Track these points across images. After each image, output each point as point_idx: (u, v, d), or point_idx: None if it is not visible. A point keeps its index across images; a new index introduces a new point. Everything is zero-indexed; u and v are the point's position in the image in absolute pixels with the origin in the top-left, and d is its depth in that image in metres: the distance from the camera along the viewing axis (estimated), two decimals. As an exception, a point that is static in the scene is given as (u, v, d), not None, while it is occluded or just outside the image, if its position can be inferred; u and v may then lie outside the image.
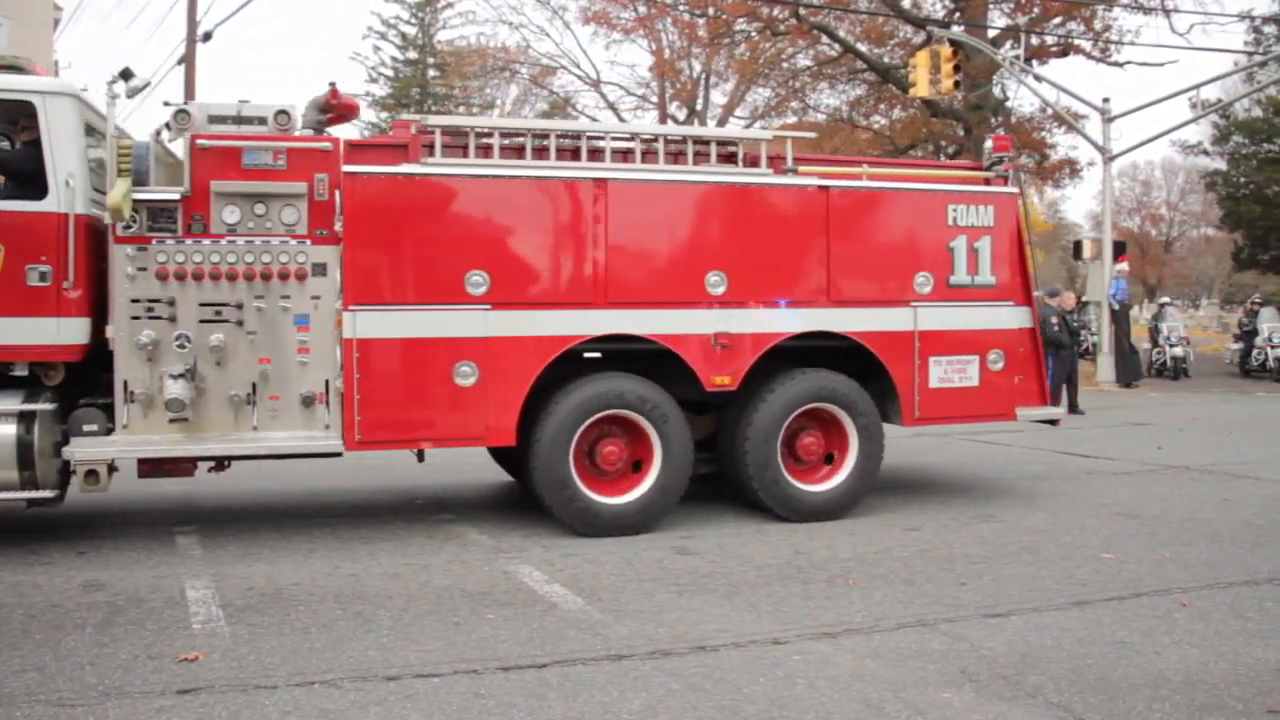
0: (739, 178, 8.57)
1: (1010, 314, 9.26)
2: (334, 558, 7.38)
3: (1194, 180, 63.78)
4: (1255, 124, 32.25)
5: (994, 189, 9.43)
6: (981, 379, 9.05)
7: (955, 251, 8.97)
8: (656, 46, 42.16)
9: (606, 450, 8.16)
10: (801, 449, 8.75)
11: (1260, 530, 8.41)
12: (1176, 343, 26.29)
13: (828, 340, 8.69)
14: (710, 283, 8.24)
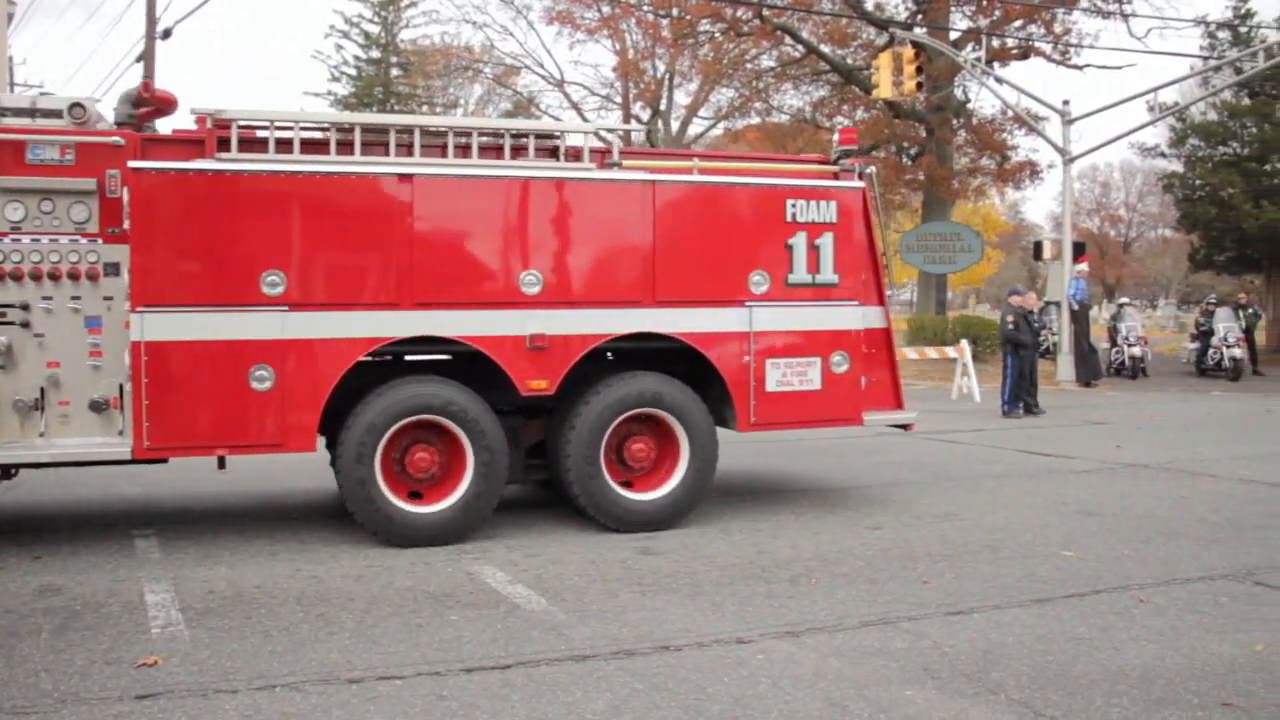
0: (557, 172, 8.26)
1: (855, 314, 8.89)
2: (296, 560, 7.33)
3: (1152, 182, 64.53)
4: (1211, 127, 32.67)
5: (837, 183, 9.07)
6: (824, 382, 8.72)
7: (794, 249, 8.61)
8: (620, 47, 42.22)
9: (417, 457, 7.81)
10: (631, 456, 8.38)
11: (1215, 527, 8.52)
12: (1135, 342, 26.56)
13: (658, 342, 8.39)
14: (525, 282, 7.89)
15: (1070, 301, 24.15)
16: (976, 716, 4.59)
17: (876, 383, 9.32)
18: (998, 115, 32.55)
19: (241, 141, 7.75)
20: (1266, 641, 5.59)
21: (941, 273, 30.35)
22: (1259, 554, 7.58)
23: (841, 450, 13.25)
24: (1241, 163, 31.51)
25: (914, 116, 30.71)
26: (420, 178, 7.73)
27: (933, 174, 30.57)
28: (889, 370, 9.41)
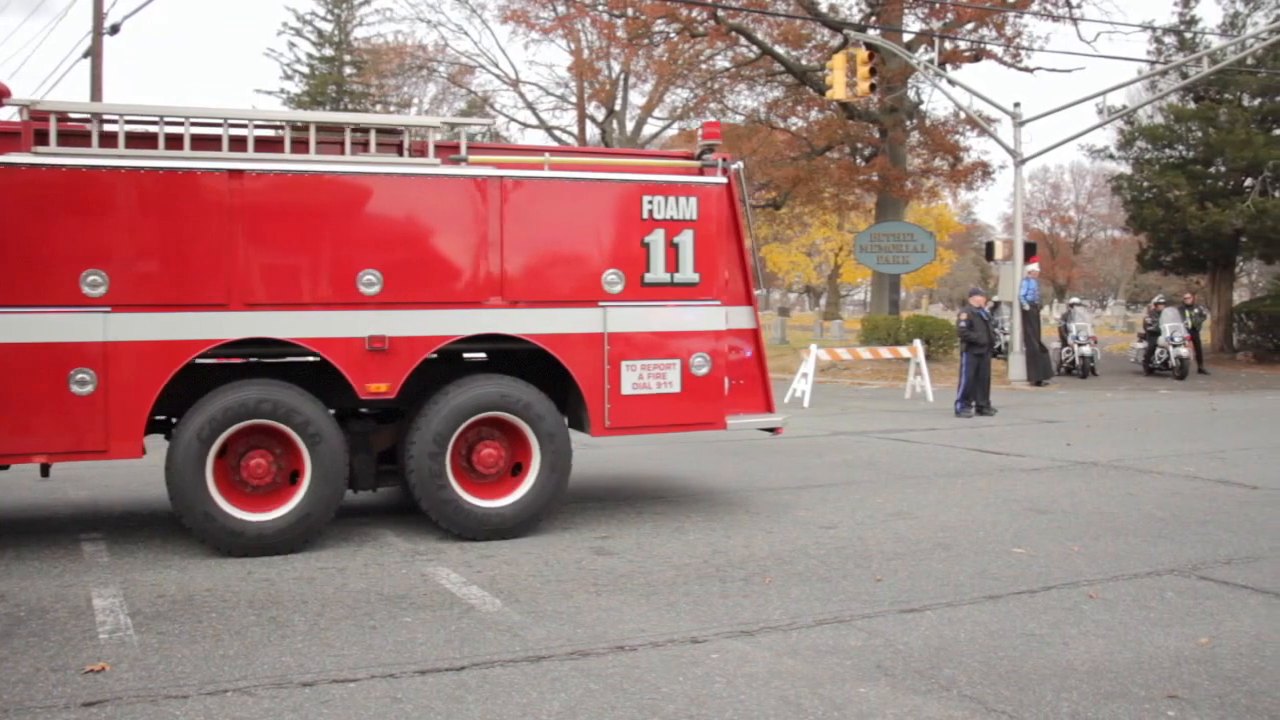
0: (397, 168, 7.95)
1: (718, 314, 8.62)
2: (248, 562, 7.25)
3: (1101, 184, 65.50)
4: (1158, 130, 33.12)
5: (697, 179, 8.73)
6: (684, 384, 8.48)
7: (651, 247, 8.38)
8: (575, 46, 42.14)
9: (252, 464, 7.51)
10: (481, 461, 8.11)
11: (1162, 523, 8.64)
12: (1085, 342, 26.89)
13: (507, 344, 8.22)
14: (364, 281, 7.60)
15: (1022, 302, 24.41)
16: (929, 713, 4.62)
17: (746, 385, 9.11)
18: (950, 117, 32.86)
19: (63, 135, 7.46)
20: (1211, 634, 5.68)
21: (895, 273, 30.55)
22: (1203, 549, 7.71)
23: (795, 450, 13.31)
24: (1187, 165, 31.98)
25: (867, 118, 30.90)
26: (251, 174, 7.43)
27: (886, 175, 30.78)
28: (759, 372, 9.19)
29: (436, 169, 8.09)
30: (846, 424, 16.50)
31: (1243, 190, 30.99)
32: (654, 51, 33.70)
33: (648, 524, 8.61)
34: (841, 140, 32.16)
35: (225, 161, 7.51)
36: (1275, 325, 30.90)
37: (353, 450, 7.97)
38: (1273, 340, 31.14)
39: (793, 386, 20.41)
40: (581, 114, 37.44)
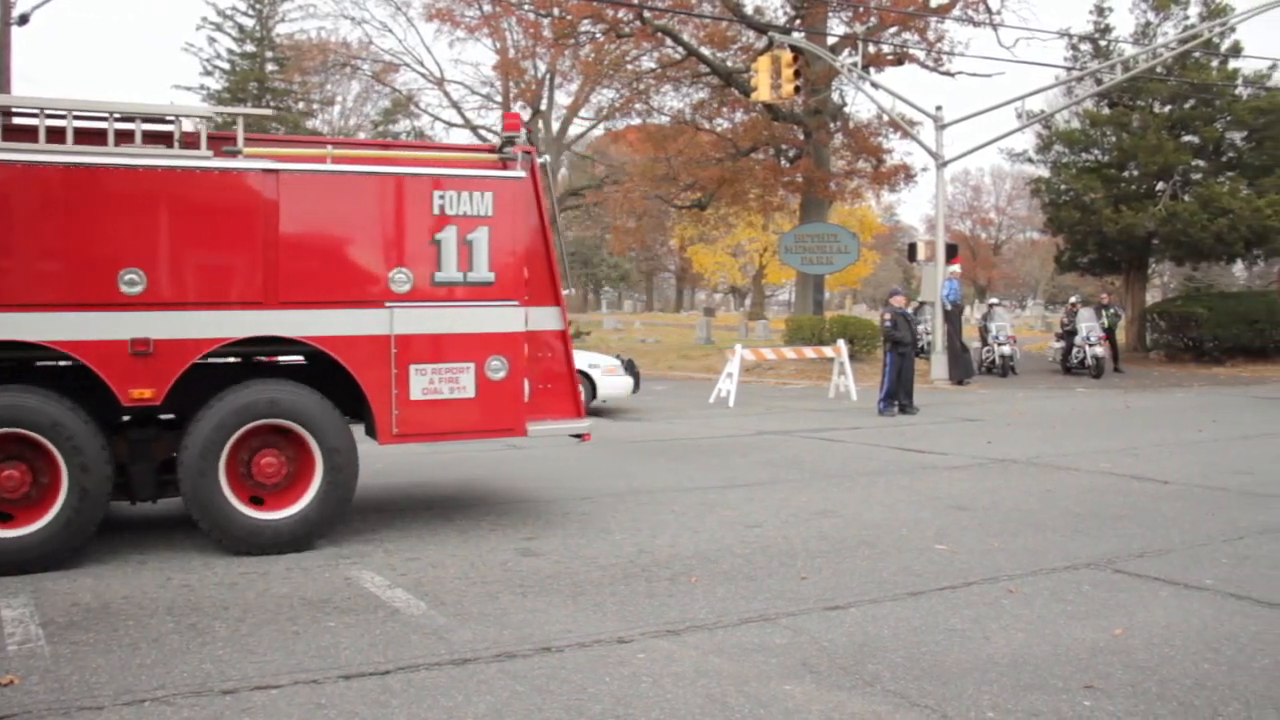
0: (162, 160, 7.38)
1: (517, 315, 8.23)
2: (166, 569, 7.10)
3: (1020, 186, 66.69)
4: (1074, 135, 33.82)
5: (494, 174, 8.31)
6: (479, 389, 8.07)
7: (443, 244, 7.95)
8: (501, 45, 41.99)
9: (3, 476, 7.02)
10: (261, 471, 7.65)
11: (1079, 518, 8.82)
12: (1005, 341, 27.38)
13: (285, 347, 7.88)
14: (125, 281, 7.11)
15: (944, 302, 24.78)
16: (854, 708, 4.67)
17: (553, 389, 8.81)
18: (874, 119, 33.23)
19: None
20: (1125, 625, 5.82)
21: (819, 273, 30.84)
22: (1118, 543, 7.88)
23: (720, 449, 13.37)
24: (1102, 169, 32.70)
25: (792, 119, 31.15)
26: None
27: (810, 176, 31.05)
28: (566, 376, 8.86)
29: (206, 161, 7.50)
30: (771, 423, 16.61)
31: (1155, 194, 31.77)
32: (580, 51, 33.68)
33: (574, 525, 8.60)
34: (766, 141, 32.40)
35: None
36: (1185, 325, 31.70)
37: (132, 459, 7.61)
38: (1183, 339, 31.96)
39: (718, 386, 20.51)
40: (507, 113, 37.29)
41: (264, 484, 7.68)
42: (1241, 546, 7.80)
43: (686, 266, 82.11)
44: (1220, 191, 30.42)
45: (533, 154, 8.84)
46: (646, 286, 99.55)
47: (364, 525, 8.51)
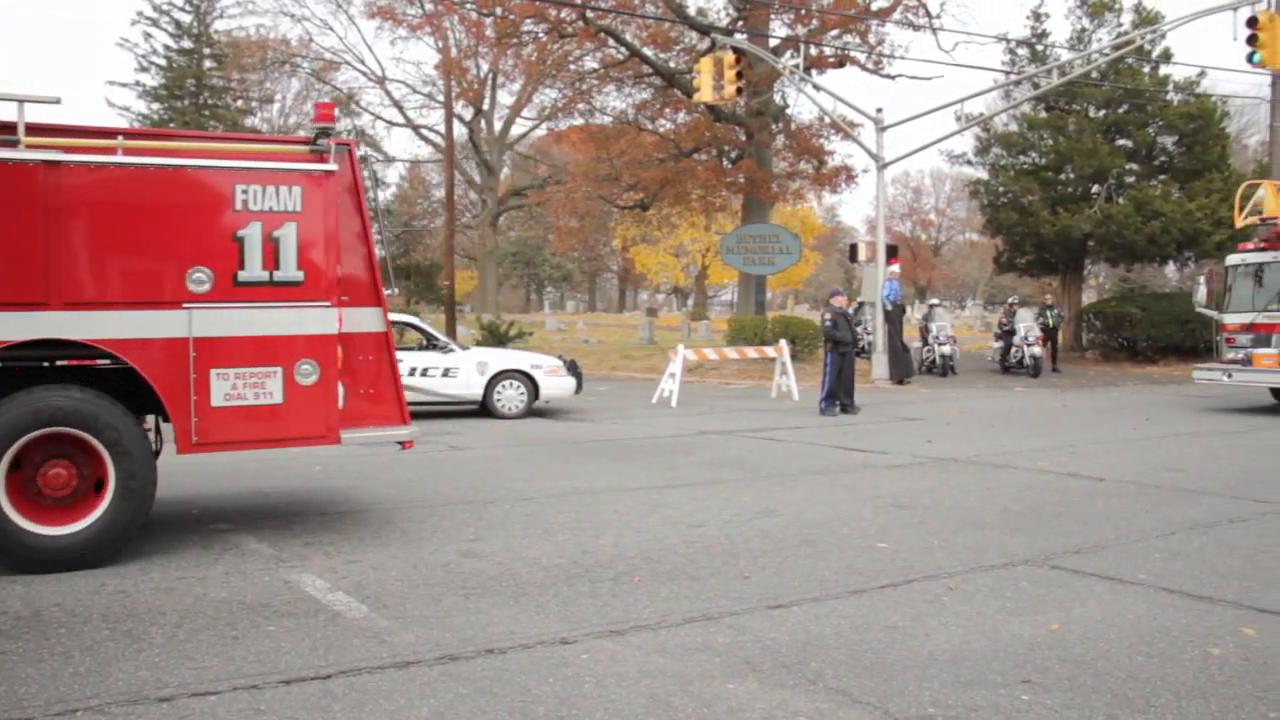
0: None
1: (329, 316, 7.82)
2: (100, 574, 6.96)
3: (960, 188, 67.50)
4: (1012, 137, 34.33)
5: (303, 166, 7.85)
6: (288, 395, 7.64)
7: (246, 242, 7.49)
8: (443, 44, 41.82)
9: None
10: (48, 484, 7.09)
11: (1017, 516, 8.94)
12: (945, 341, 27.71)
13: (74, 351, 7.30)
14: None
15: (885, 302, 25.01)
16: (797, 706, 4.69)
17: (374, 395, 8.39)
18: (815, 121, 33.51)
19: None
20: (1061, 621, 5.90)
21: (761, 274, 31.03)
22: (1055, 540, 8.00)
23: (663, 449, 13.39)
24: (1039, 172, 33.21)
25: (734, 120, 31.29)
26: None
27: (752, 177, 31.21)
28: (389, 380, 8.42)
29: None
30: (713, 423, 16.67)
31: (1090, 197, 32.34)
32: (523, 51, 33.58)
33: (516, 526, 8.56)
34: (709, 142, 32.52)
35: None
36: (1120, 325, 32.31)
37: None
38: (1118, 339, 32.56)
39: (661, 387, 20.54)
40: (449, 113, 37.05)
41: (52, 497, 7.13)
42: (1173, 542, 7.95)
43: (629, 267, 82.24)
44: (1153, 194, 31.03)
45: (351, 146, 8.43)
46: (589, 287, 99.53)
47: (304, 528, 8.41)
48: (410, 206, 72.07)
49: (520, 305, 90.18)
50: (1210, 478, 10.95)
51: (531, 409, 17.54)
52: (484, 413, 17.29)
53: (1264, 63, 19.95)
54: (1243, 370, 18.13)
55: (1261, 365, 17.89)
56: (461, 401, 17.32)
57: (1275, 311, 18.00)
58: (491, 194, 55.61)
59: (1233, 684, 4.94)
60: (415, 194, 73.98)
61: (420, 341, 18.02)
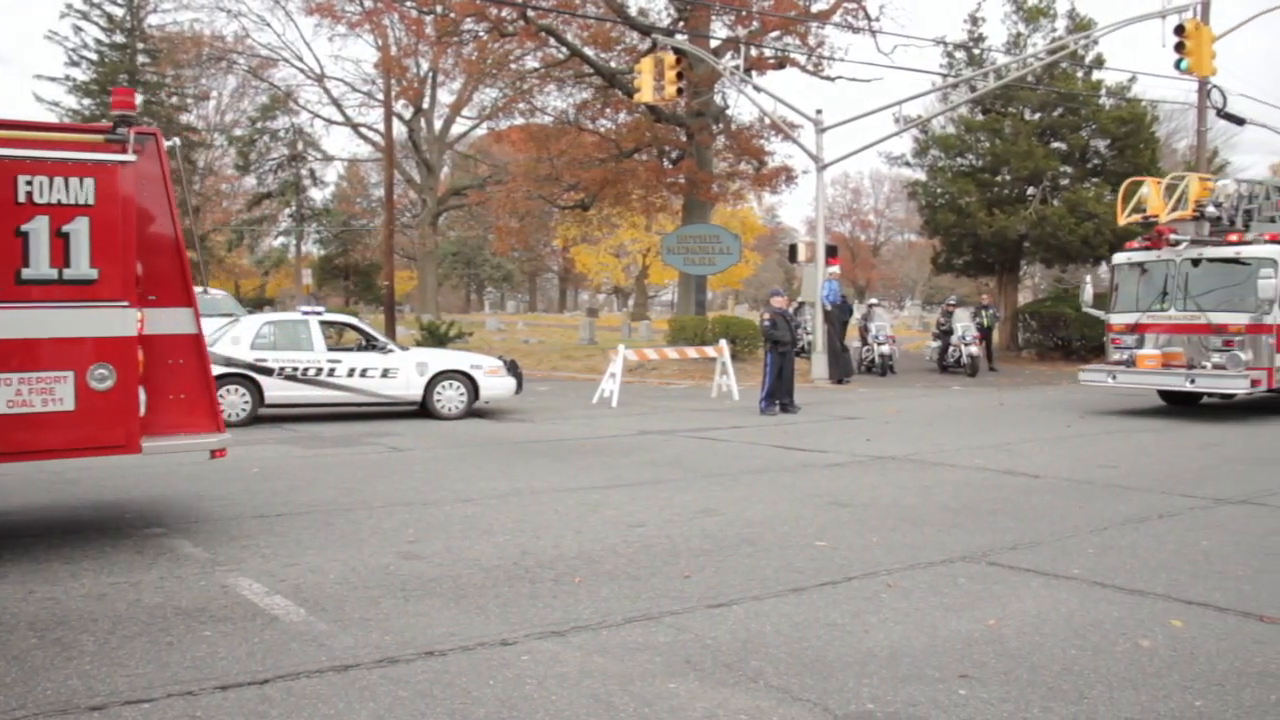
0: None
1: (126, 317, 7.36)
2: (29, 581, 6.80)
3: (898, 189, 68.30)
4: (949, 140, 34.75)
5: (96, 156, 7.35)
6: (80, 401, 7.18)
7: (31, 237, 7.02)
8: (383, 42, 41.43)
9: None
10: None
11: (955, 513, 9.05)
12: (884, 341, 27.97)
13: None
14: None
15: (824, 302, 25.19)
16: (737, 704, 4.70)
17: (185, 401, 7.95)
18: (756, 122, 33.63)
19: None
20: (998, 616, 5.98)
21: (701, 274, 31.12)
22: (992, 536, 8.10)
23: (603, 450, 13.38)
24: (976, 174, 33.64)
25: (675, 121, 31.35)
26: None
27: (693, 178, 31.28)
28: (201, 385, 7.98)
29: None
30: (654, 423, 16.69)
31: (1026, 198, 32.81)
32: (463, 50, 33.37)
33: (456, 527, 8.50)
34: (649, 143, 32.53)
35: None
36: (1055, 325, 32.82)
37: None
38: (1052, 339, 33.07)
39: (601, 387, 20.52)
40: (388, 111, 36.70)
41: None
42: (1106, 537, 8.09)
43: (570, 267, 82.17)
44: (1087, 196, 31.55)
45: (156, 136, 7.95)
46: (530, 287, 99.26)
47: (240, 531, 8.29)
48: (349, 206, 71.45)
49: (460, 305, 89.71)
50: (1141, 474, 11.16)
51: (472, 409, 17.45)
52: (424, 413, 17.17)
53: (1190, 69, 20.37)
54: (1126, 372, 17.64)
55: (1144, 367, 17.39)
56: (401, 402, 17.18)
57: (1159, 312, 17.58)
58: (431, 193, 55.25)
59: (1162, 674, 5.05)
60: (354, 193, 73.35)
61: (359, 342, 17.88)
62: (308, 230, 67.95)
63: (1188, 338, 17.08)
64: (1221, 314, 16.69)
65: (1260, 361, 16.22)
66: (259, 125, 63.13)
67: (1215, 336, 16.65)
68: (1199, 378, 16.64)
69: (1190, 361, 16.93)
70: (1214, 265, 16.92)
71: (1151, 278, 17.74)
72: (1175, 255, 17.26)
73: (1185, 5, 21.29)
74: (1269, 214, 18.33)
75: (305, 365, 16.41)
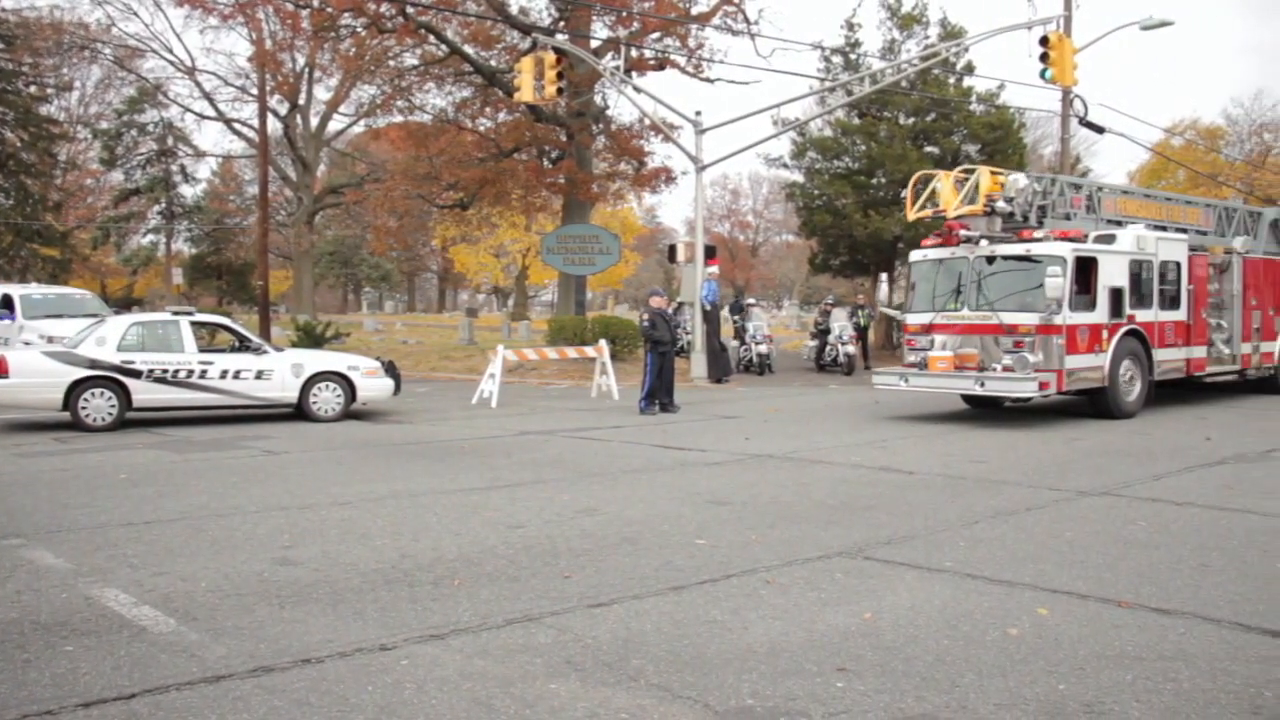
0: None
1: None
2: (-126, 592, 6.47)
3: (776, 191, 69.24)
4: (826, 142, 35.40)
5: None
6: None
7: None
8: (257, 36, 40.45)
9: None
10: None
11: (832, 509, 9.20)
12: (762, 341, 28.32)
13: None
14: None
15: (703, 302, 25.41)
16: (619, 704, 4.71)
17: None
18: (636, 123, 33.75)
19: None
20: (874, 610, 6.10)
21: (581, 274, 31.12)
22: (868, 532, 8.26)
23: (483, 451, 13.29)
24: (853, 176, 34.32)
25: (555, 121, 31.30)
26: None
27: (573, 178, 31.28)
28: None
29: None
30: (534, 424, 16.63)
31: (900, 200, 33.54)
32: (341, 46, 32.80)
33: (333, 531, 8.35)
34: (529, 142, 32.42)
35: None
36: (927, 325, 33.59)
37: None
38: (925, 338, 33.84)
39: (481, 388, 20.38)
40: (263, 106, 35.82)
41: None
42: (977, 530, 8.32)
43: (449, 267, 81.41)
44: (957, 200, 32.38)
45: None
46: (408, 287, 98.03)
47: (106, 540, 8.00)
48: (222, 203, 69.67)
49: (338, 306, 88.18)
50: (1010, 468, 11.50)
51: (349, 411, 17.16)
52: (299, 416, 16.82)
53: (1054, 79, 21.09)
54: (919, 375, 16.64)
55: (936, 369, 16.35)
56: (276, 404, 16.80)
57: (953, 312, 16.62)
58: (307, 191, 54.16)
59: (1029, 661, 5.21)
60: (228, 190, 71.56)
61: (232, 343, 17.45)
62: (178, 228, 66.06)
63: (981, 338, 16.26)
64: (1012, 314, 15.91)
65: (1051, 363, 15.55)
66: (126, 118, 61.13)
67: (1007, 337, 15.90)
68: (988, 381, 15.76)
69: (982, 364, 16.16)
70: (1007, 263, 16.18)
71: (946, 276, 16.88)
72: (969, 253, 16.45)
73: (1050, 18, 22.06)
74: (1064, 210, 17.73)
75: (175, 367, 15.93)
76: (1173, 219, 19.89)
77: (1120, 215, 18.83)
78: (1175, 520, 8.66)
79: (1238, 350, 19.60)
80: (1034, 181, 17.37)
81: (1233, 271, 19.63)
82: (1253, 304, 19.93)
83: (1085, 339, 16.01)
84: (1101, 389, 16.41)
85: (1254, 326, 20.00)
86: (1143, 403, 17.13)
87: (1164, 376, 17.77)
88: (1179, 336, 18.01)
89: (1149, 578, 6.82)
